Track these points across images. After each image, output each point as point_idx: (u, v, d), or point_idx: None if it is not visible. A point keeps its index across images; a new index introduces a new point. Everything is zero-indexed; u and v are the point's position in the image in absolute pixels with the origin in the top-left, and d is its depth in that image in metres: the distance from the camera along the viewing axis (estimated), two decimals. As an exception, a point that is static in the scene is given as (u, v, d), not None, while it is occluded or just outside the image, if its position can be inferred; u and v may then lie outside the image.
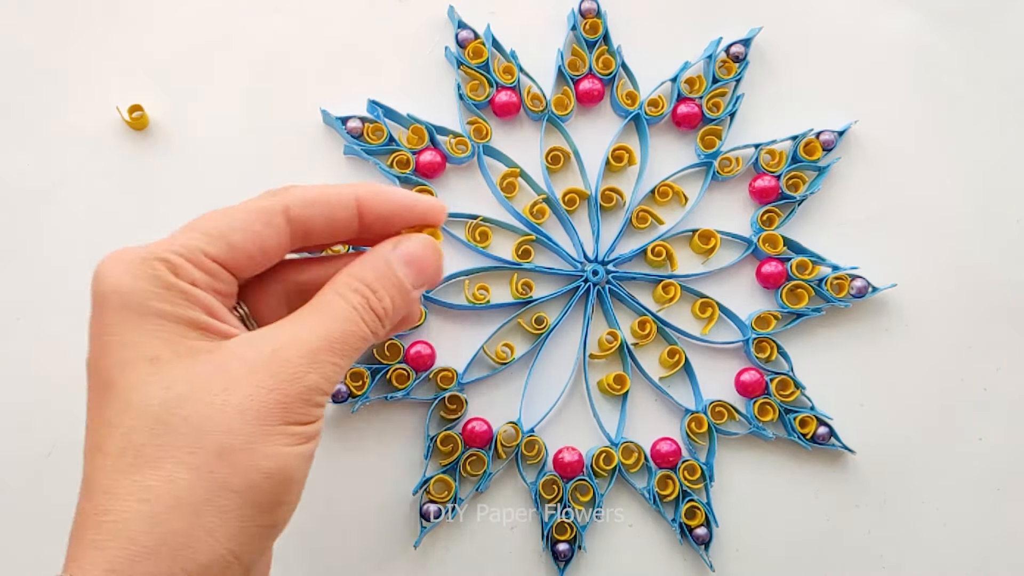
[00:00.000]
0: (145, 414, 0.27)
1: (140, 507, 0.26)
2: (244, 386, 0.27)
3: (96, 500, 0.27)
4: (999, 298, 0.44)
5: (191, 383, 0.27)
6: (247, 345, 0.28)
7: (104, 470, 0.27)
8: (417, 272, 0.31)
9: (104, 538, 0.26)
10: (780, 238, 0.43)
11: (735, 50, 0.44)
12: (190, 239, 0.29)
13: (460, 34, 0.43)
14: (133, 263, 0.28)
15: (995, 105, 0.46)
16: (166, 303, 0.28)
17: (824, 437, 0.42)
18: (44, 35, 0.43)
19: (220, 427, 0.26)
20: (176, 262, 0.28)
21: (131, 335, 0.27)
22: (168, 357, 0.27)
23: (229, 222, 0.29)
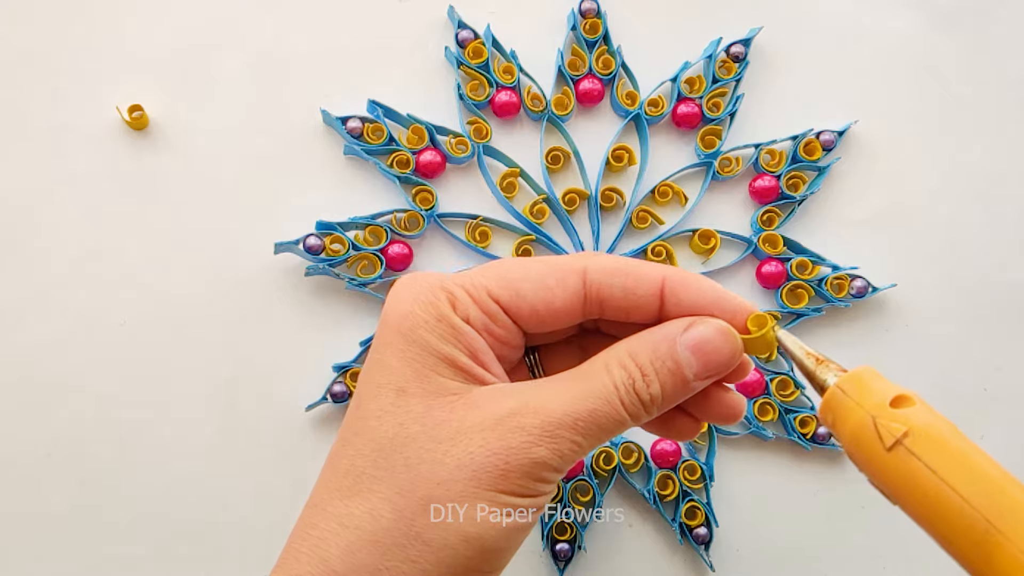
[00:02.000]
0: (374, 443, 0.27)
1: (341, 532, 0.26)
2: (469, 442, 0.26)
3: (313, 512, 0.27)
4: (999, 298, 0.44)
5: (424, 424, 0.26)
6: (491, 398, 0.27)
7: (326, 485, 0.27)
8: (703, 363, 0.27)
9: (304, 551, 0.26)
10: (780, 238, 0.43)
11: (735, 50, 0.44)
12: (481, 277, 0.28)
13: (460, 34, 0.43)
14: (421, 287, 0.28)
15: (995, 105, 0.46)
16: (432, 334, 0.27)
17: (824, 437, 0.42)
18: (44, 35, 0.43)
19: (433, 478, 0.26)
20: (457, 295, 0.28)
21: (390, 359, 0.27)
22: (414, 391, 0.27)
23: (523, 271, 0.28)
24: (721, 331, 0.27)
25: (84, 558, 0.41)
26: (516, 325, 0.28)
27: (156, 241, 0.43)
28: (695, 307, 0.28)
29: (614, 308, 0.28)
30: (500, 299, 0.28)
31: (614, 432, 0.27)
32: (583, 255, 0.29)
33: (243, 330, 0.42)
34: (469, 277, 0.28)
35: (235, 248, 0.42)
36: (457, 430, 0.26)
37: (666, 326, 0.28)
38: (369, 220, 0.42)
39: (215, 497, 0.41)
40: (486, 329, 0.28)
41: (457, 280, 0.28)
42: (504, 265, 0.29)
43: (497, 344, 0.28)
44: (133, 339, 0.42)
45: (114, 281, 0.42)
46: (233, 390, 0.42)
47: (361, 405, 0.28)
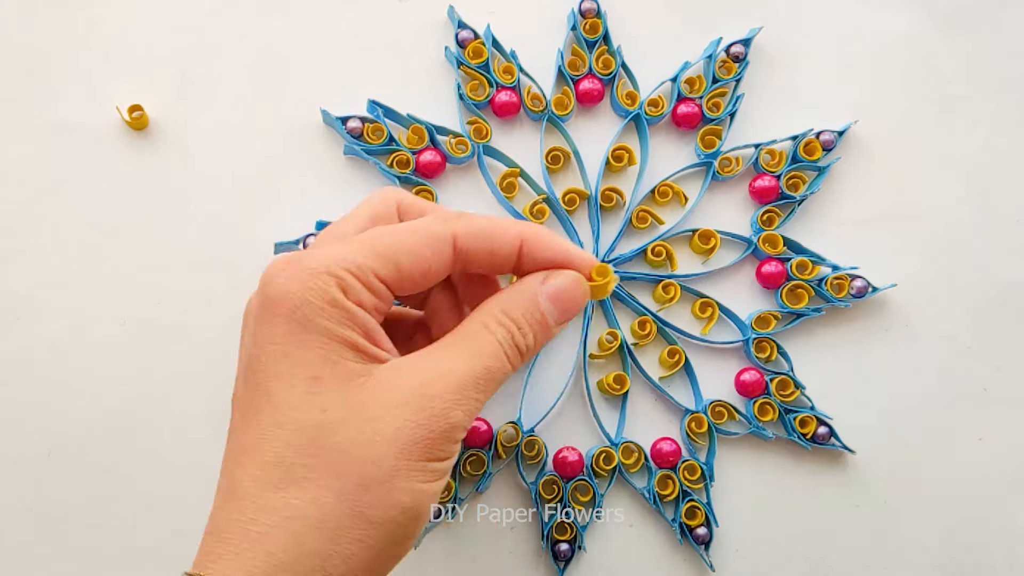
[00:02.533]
0: (300, 433, 0.27)
1: (285, 524, 0.26)
2: (394, 419, 0.27)
3: (242, 507, 0.27)
4: (999, 298, 0.44)
5: (347, 409, 0.27)
6: (397, 374, 0.28)
7: (254, 479, 0.27)
8: (562, 309, 0.31)
9: (247, 546, 0.26)
10: (780, 238, 0.43)
11: (735, 50, 0.44)
12: (363, 257, 0.29)
13: (460, 34, 0.43)
14: (305, 274, 0.28)
15: (995, 105, 0.46)
16: (331, 321, 0.28)
17: (824, 437, 0.42)
18: (44, 35, 0.43)
19: (367, 458, 0.27)
20: (347, 280, 0.28)
21: (294, 349, 0.28)
22: (328, 378, 0.28)
23: (400, 244, 0.29)
24: (573, 279, 0.31)
25: (84, 558, 0.41)
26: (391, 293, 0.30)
27: (156, 241, 0.43)
28: (548, 262, 0.31)
29: (478, 265, 0.31)
30: (385, 279, 0.29)
31: (501, 383, 0.30)
32: (450, 218, 0.30)
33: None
34: (352, 258, 0.29)
35: (235, 248, 0.42)
36: (380, 410, 0.27)
37: (527, 281, 0.31)
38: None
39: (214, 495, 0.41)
40: (374, 308, 0.29)
41: (340, 263, 0.28)
42: (378, 239, 0.29)
43: (380, 318, 0.29)
44: (133, 339, 0.42)
45: (114, 281, 0.42)
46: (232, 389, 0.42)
47: (272, 397, 0.28)
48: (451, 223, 0.30)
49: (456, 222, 0.30)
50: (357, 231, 0.31)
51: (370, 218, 0.31)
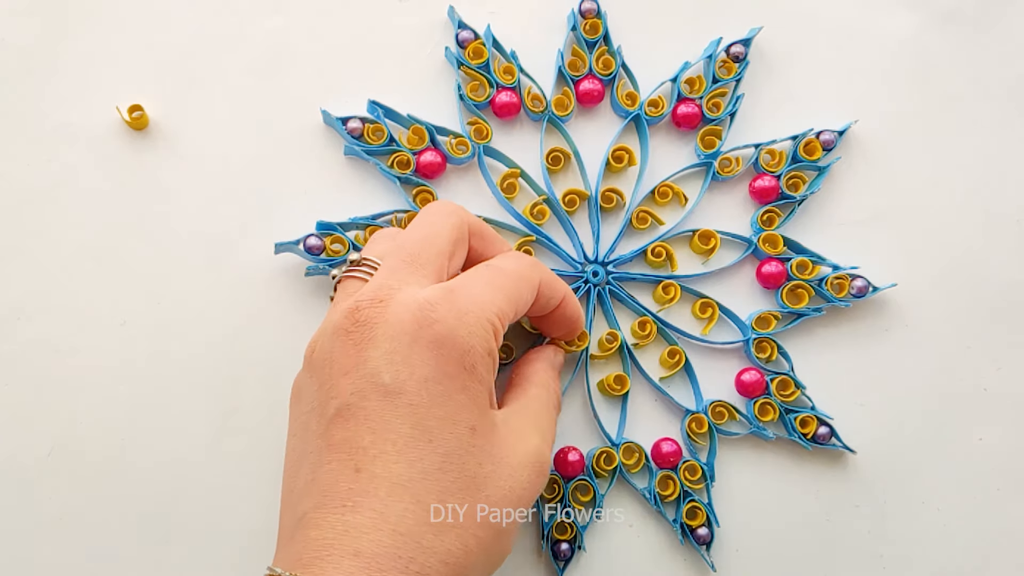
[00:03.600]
0: (460, 482, 0.29)
1: (442, 568, 0.28)
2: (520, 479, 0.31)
3: (402, 542, 0.28)
4: (999, 298, 0.44)
5: (494, 464, 0.30)
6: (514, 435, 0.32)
7: (416, 517, 0.29)
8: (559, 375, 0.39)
9: None
10: (780, 238, 0.43)
11: (735, 50, 0.44)
12: (508, 306, 0.32)
13: (460, 34, 0.43)
14: (471, 321, 0.30)
15: (995, 105, 0.46)
16: (486, 369, 0.31)
17: (825, 437, 0.42)
18: (44, 35, 0.43)
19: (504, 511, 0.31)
20: (499, 330, 0.31)
21: (457, 393, 0.30)
22: (480, 429, 0.30)
23: (518, 293, 0.33)
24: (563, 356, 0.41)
25: (84, 558, 0.41)
26: None
27: (156, 241, 0.43)
28: (570, 316, 0.39)
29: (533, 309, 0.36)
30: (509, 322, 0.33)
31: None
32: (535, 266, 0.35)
33: (243, 330, 0.42)
34: (500, 307, 0.31)
35: (235, 248, 0.42)
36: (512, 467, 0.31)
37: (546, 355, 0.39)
38: (369, 220, 0.42)
39: (215, 497, 0.41)
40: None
41: (495, 312, 0.31)
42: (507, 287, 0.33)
43: None
44: (133, 339, 0.42)
45: (114, 281, 0.42)
46: (233, 390, 0.42)
47: (434, 438, 0.29)
48: (538, 270, 0.35)
49: (539, 269, 0.35)
50: (443, 255, 0.33)
51: (454, 242, 0.34)
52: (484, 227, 0.36)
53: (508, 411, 0.33)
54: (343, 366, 0.30)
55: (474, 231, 0.36)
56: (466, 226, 0.35)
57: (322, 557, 0.27)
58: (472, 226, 0.35)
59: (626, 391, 0.42)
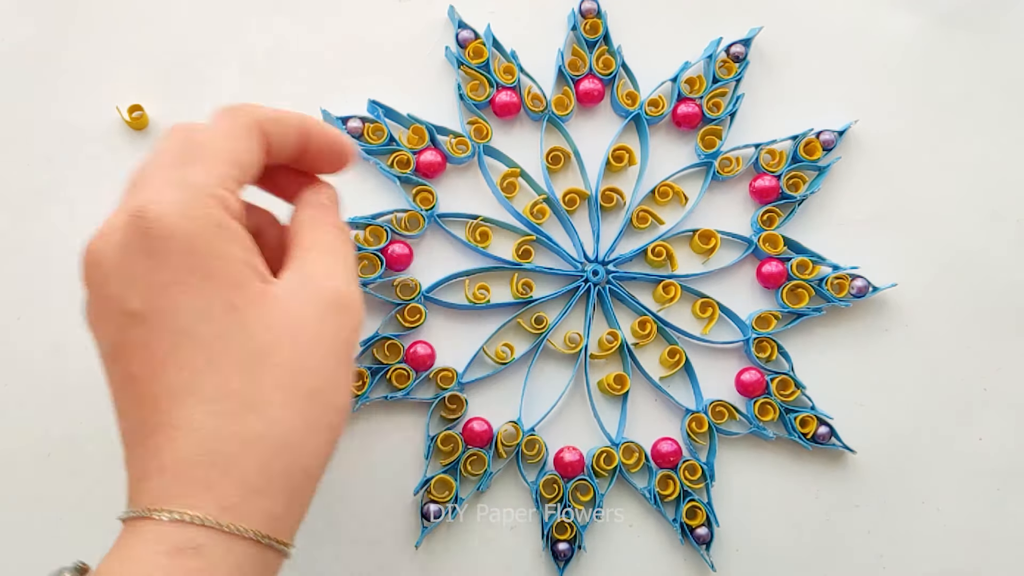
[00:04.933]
0: (238, 363, 0.28)
1: (249, 449, 0.27)
2: (323, 327, 0.29)
3: (197, 438, 0.27)
4: (999, 298, 0.44)
5: (272, 330, 0.28)
6: (302, 287, 0.30)
7: (206, 414, 0.27)
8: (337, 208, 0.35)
9: (216, 478, 0.27)
10: (780, 238, 0.43)
11: (735, 50, 0.44)
12: (223, 168, 0.29)
13: (460, 34, 0.43)
14: (184, 203, 0.28)
15: (995, 105, 0.46)
16: (225, 244, 0.28)
17: (824, 437, 0.42)
18: (44, 34, 0.43)
19: (312, 368, 0.28)
20: (224, 197, 0.28)
21: (200, 283, 0.28)
22: (243, 304, 0.28)
23: (234, 145, 0.30)
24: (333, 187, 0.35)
25: (83, 558, 0.41)
26: None
27: (156, 241, 0.42)
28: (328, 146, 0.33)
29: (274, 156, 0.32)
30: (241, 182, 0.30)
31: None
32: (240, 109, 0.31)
33: (243, 330, 0.42)
34: (213, 172, 0.29)
35: (235, 248, 0.42)
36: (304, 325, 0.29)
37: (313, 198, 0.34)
38: (369, 220, 0.42)
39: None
40: (243, 220, 0.29)
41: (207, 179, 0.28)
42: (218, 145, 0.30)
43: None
44: (133, 339, 0.42)
45: (114, 281, 0.42)
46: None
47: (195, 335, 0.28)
48: (248, 111, 0.31)
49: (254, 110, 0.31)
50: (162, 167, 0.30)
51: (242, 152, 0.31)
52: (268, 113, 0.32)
53: (289, 271, 0.31)
54: (95, 314, 0.30)
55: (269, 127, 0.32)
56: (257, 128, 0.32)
57: (140, 489, 0.28)
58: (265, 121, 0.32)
59: (626, 391, 0.42)
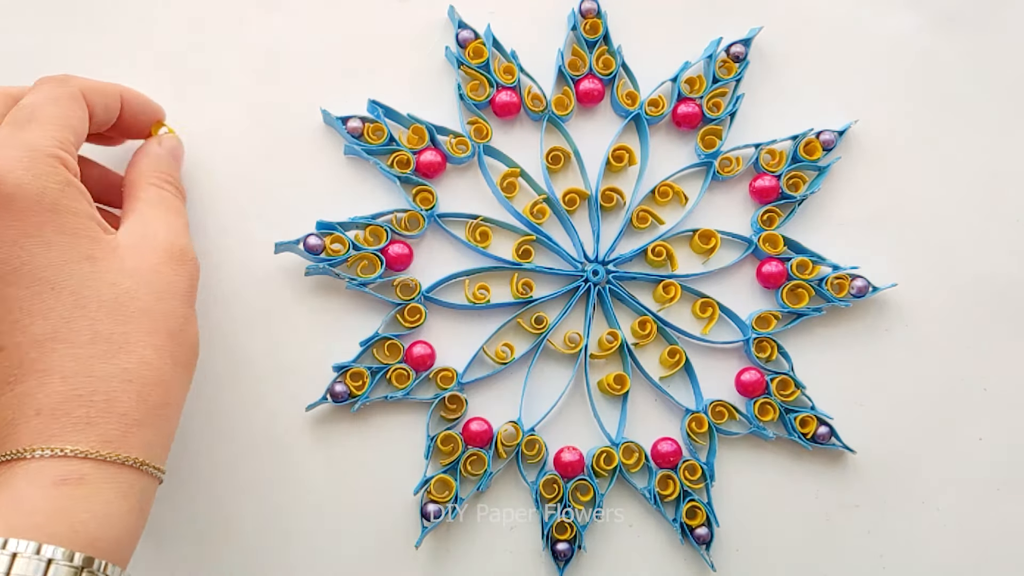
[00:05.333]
0: (104, 307, 0.30)
1: (126, 387, 0.30)
2: (171, 275, 0.32)
3: (73, 382, 0.29)
4: (999, 298, 0.44)
5: (130, 277, 0.31)
6: (143, 239, 0.33)
7: (76, 358, 0.29)
8: (178, 161, 0.39)
9: (96, 415, 0.29)
10: (780, 238, 0.43)
11: (735, 50, 0.44)
12: (59, 132, 0.32)
13: (460, 34, 0.43)
14: (28, 162, 0.30)
15: (995, 105, 0.46)
16: (71, 199, 0.31)
17: (825, 437, 0.42)
18: (44, 34, 0.43)
19: (168, 312, 0.32)
20: (64, 157, 0.31)
21: (56, 236, 0.30)
22: (99, 255, 0.31)
23: (66, 111, 0.33)
24: (176, 138, 0.40)
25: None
26: None
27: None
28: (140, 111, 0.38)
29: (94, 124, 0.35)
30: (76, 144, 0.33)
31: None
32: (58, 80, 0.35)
33: (243, 330, 0.42)
34: (51, 135, 0.31)
35: (235, 248, 0.42)
36: (156, 272, 0.32)
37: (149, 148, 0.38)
38: (369, 220, 0.42)
39: (214, 497, 0.41)
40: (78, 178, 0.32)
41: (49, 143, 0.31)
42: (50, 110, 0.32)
43: None
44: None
45: (114, 281, 0.42)
46: (232, 389, 0.42)
47: (55, 286, 0.30)
48: (66, 82, 0.34)
49: (69, 80, 0.34)
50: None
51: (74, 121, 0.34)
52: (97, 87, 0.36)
53: (128, 224, 0.33)
54: None
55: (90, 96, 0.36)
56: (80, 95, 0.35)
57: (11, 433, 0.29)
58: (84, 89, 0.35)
59: (626, 391, 0.42)
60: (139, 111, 0.38)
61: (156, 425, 0.30)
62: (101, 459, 0.28)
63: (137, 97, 0.38)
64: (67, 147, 0.31)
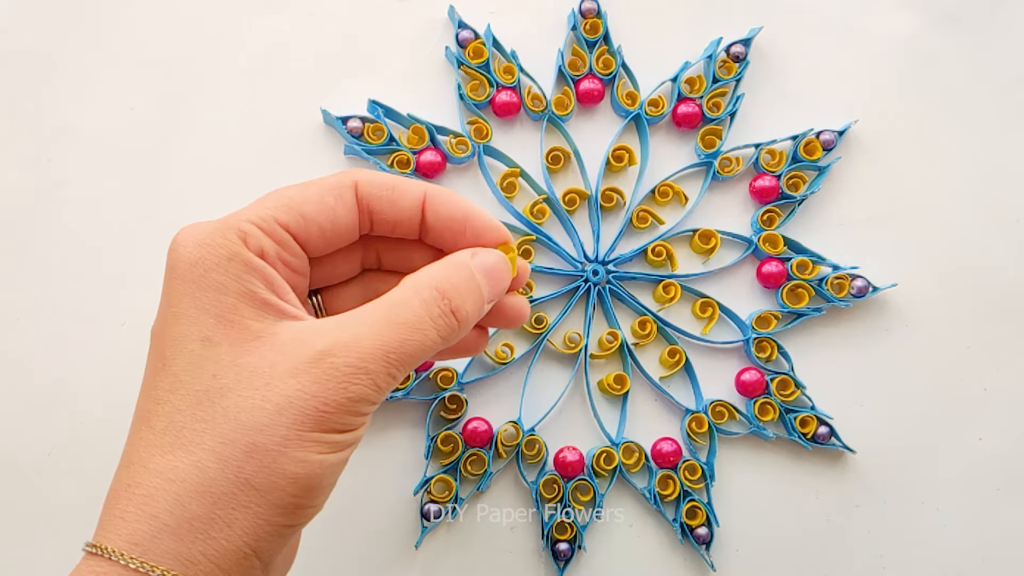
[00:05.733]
0: (190, 397, 0.27)
1: (167, 486, 0.26)
2: (285, 386, 0.26)
3: (132, 471, 0.27)
4: (999, 298, 0.44)
5: (237, 374, 0.27)
6: (299, 339, 0.27)
7: (145, 443, 0.27)
8: (492, 284, 0.30)
9: (131, 510, 0.26)
10: (780, 238, 0.43)
11: (735, 50, 0.44)
12: (263, 208, 0.28)
13: (460, 34, 0.43)
14: (204, 233, 0.28)
15: (995, 105, 0.46)
16: (227, 275, 0.27)
17: (824, 437, 0.42)
18: (44, 35, 0.43)
19: (254, 424, 0.26)
20: (247, 230, 0.28)
21: (188, 309, 0.27)
22: (219, 339, 0.27)
23: (301, 193, 0.29)
24: (500, 256, 0.30)
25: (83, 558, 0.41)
26: (304, 251, 0.29)
27: (157, 241, 0.42)
28: (451, 219, 0.30)
29: (384, 221, 0.30)
30: (288, 226, 0.28)
31: (426, 356, 0.28)
32: (347, 171, 0.30)
33: (243, 330, 0.42)
34: (253, 210, 0.28)
35: (235, 248, 0.42)
36: (271, 376, 0.26)
37: (455, 256, 0.30)
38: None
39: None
40: (280, 259, 0.28)
41: (242, 216, 0.28)
42: (280, 192, 0.29)
43: (289, 274, 0.29)
44: (133, 339, 0.42)
45: (115, 281, 0.42)
46: (233, 390, 0.42)
47: (167, 362, 0.27)
48: (351, 173, 0.30)
49: (357, 171, 0.30)
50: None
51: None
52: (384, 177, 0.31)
53: (321, 319, 0.28)
54: None
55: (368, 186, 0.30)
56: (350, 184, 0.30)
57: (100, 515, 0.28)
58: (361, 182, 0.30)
59: (626, 391, 0.42)
60: (451, 219, 0.30)
61: (191, 539, 0.26)
62: (124, 566, 0.26)
63: (452, 201, 0.30)
64: (264, 222, 0.28)
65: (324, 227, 0.29)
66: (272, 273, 0.28)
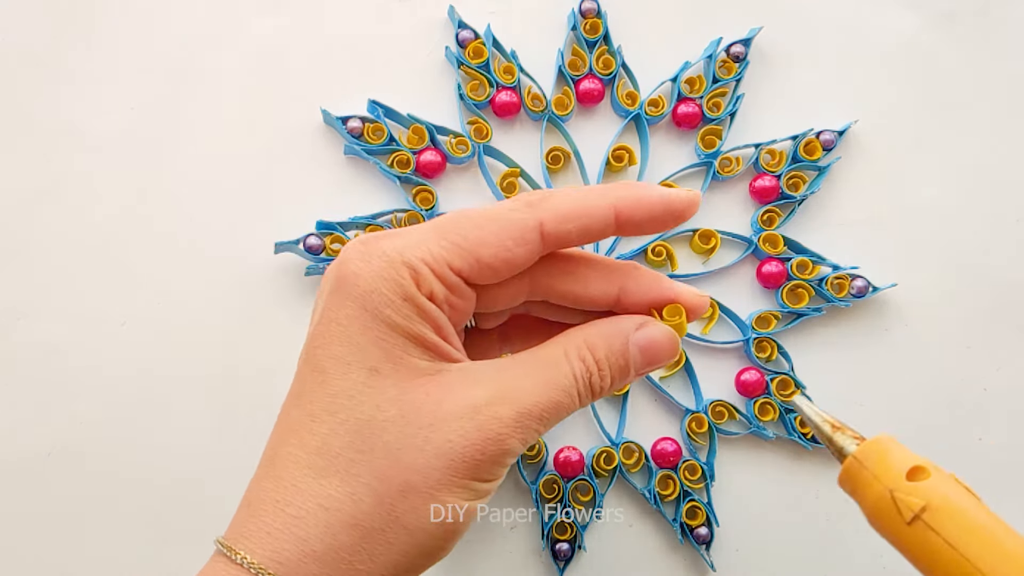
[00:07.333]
0: (350, 424, 0.27)
1: (319, 513, 0.26)
2: (448, 430, 0.27)
3: (280, 486, 0.27)
4: (999, 298, 0.44)
5: (402, 410, 0.27)
6: (464, 383, 0.27)
7: (295, 461, 0.27)
8: (648, 360, 0.29)
9: (279, 527, 0.26)
10: (780, 238, 0.43)
11: (735, 50, 0.44)
12: (439, 247, 0.28)
13: (460, 34, 0.43)
14: (379, 260, 0.27)
15: (995, 105, 0.46)
16: (399, 315, 0.27)
17: (824, 437, 0.42)
18: (45, 35, 0.43)
19: (413, 465, 0.26)
20: (421, 272, 0.27)
21: (357, 336, 0.27)
22: (387, 372, 0.27)
23: (481, 234, 0.28)
24: (669, 335, 0.30)
25: (84, 558, 0.41)
26: (472, 289, 0.29)
27: (157, 241, 0.43)
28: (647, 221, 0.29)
29: (573, 244, 0.29)
30: (462, 271, 0.28)
31: (563, 419, 0.28)
32: (535, 202, 0.28)
33: (243, 330, 0.42)
34: (428, 248, 0.27)
35: (235, 248, 0.42)
36: (435, 416, 0.27)
37: (620, 321, 0.29)
38: (369, 220, 0.42)
39: (215, 497, 0.41)
40: (448, 303, 0.28)
41: (417, 253, 0.27)
42: (459, 227, 0.28)
43: (455, 313, 0.29)
44: (133, 339, 0.42)
45: (114, 281, 0.42)
46: (233, 390, 0.42)
47: (327, 379, 0.27)
48: (536, 209, 0.28)
49: (541, 206, 0.28)
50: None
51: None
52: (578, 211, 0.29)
53: (480, 364, 0.28)
54: None
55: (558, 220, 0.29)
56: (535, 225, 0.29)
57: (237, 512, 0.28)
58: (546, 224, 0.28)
59: (626, 391, 0.42)
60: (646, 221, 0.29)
61: (335, 567, 0.26)
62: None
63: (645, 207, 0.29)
64: (437, 264, 0.27)
65: (498, 270, 0.28)
66: (441, 317, 0.28)
